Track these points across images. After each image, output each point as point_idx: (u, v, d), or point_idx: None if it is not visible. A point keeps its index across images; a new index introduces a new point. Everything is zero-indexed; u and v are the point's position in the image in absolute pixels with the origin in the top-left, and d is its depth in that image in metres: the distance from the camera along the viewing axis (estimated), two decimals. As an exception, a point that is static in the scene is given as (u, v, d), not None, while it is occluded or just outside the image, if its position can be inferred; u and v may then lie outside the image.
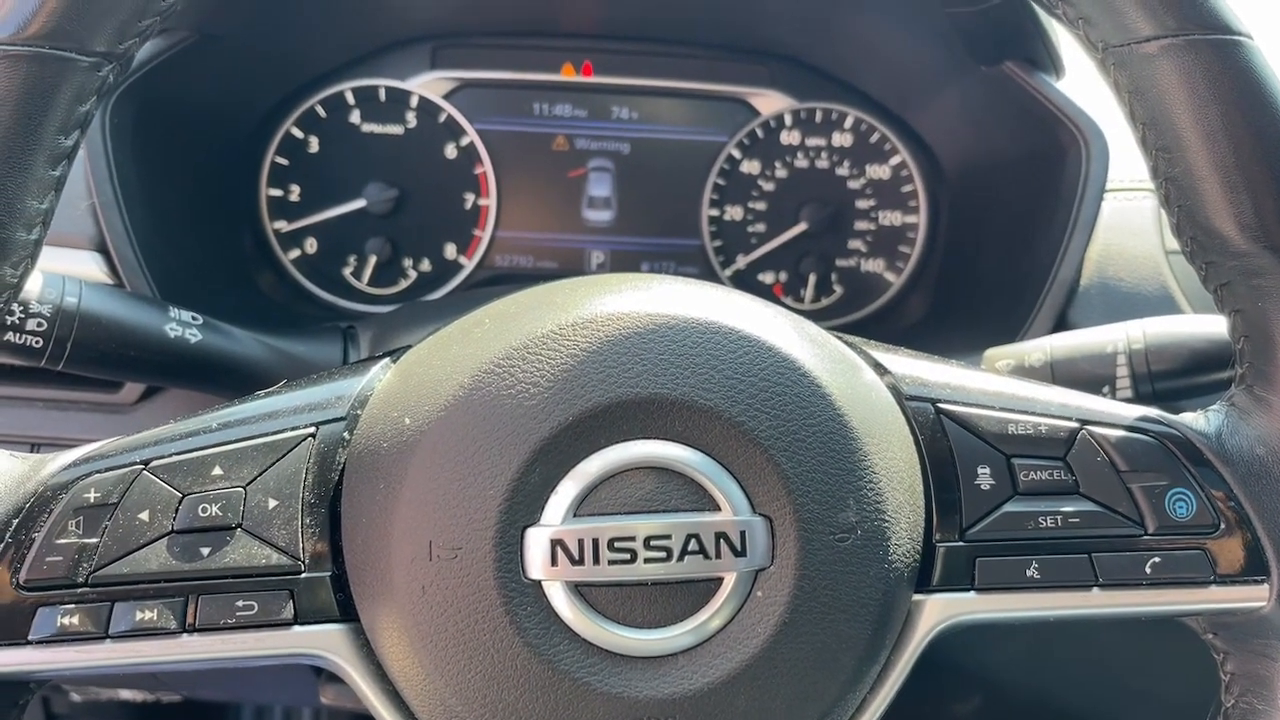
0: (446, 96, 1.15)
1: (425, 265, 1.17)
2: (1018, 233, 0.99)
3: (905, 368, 0.64)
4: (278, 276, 1.14)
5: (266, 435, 0.58)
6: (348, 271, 1.16)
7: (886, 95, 1.15)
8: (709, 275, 1.20)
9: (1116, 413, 0.62)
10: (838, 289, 1.20)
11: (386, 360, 0.64)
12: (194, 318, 0.79)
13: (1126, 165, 0.93)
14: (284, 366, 0.81)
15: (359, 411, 0.60)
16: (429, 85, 1.15)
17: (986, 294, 1.02)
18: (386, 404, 0.58)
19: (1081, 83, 0.95)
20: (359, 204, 1.14)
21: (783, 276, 1.20)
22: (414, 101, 1.15)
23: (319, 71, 1.12)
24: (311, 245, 1.15)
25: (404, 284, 1.17)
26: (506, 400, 0.54)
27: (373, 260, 1.15)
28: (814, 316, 1.19)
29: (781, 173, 1.19)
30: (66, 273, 0.86)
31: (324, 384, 0.62)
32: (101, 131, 0.84)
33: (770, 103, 1.18)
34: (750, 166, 1.19)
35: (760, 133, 1.18)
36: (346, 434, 0.59)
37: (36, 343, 0.72)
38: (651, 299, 0.58)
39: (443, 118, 1.15)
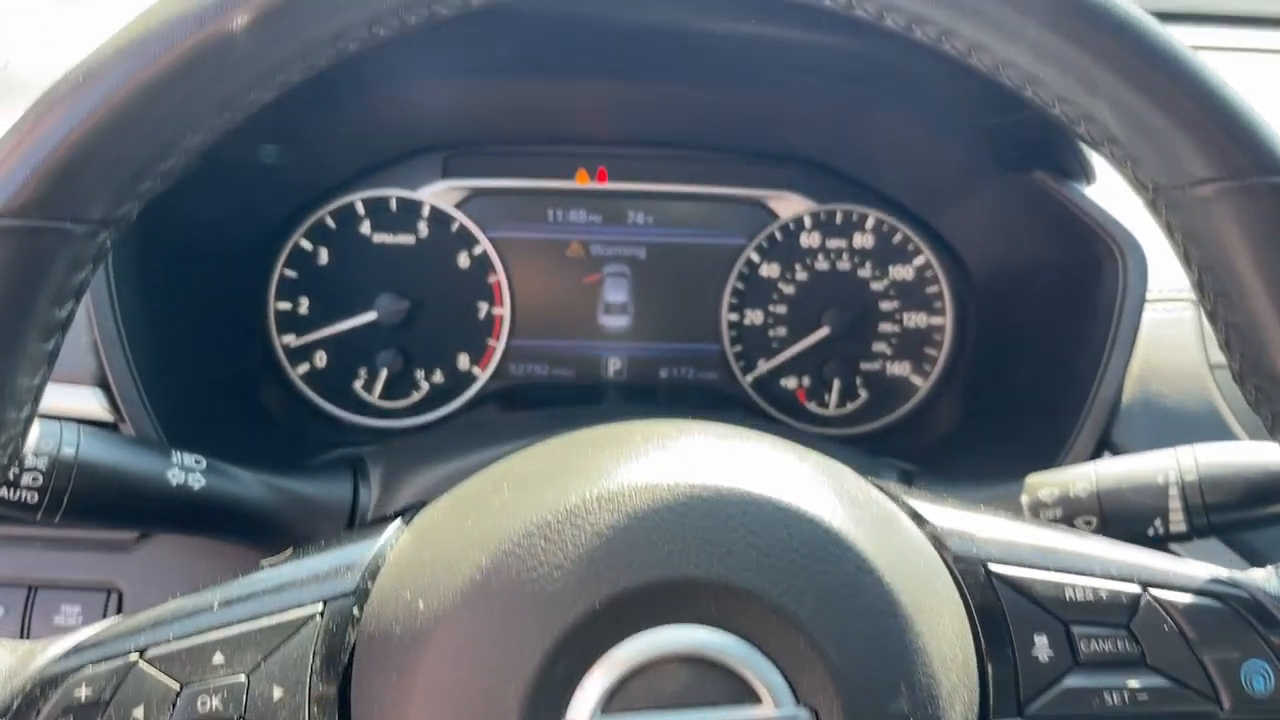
0: (459, 205, 1.13)
1: (438, 377, 1.13)
2: (1053, 344, 0.96)
3: (951, 521, 0.60)
4: (286, 392, 1.11)
5: (271, 615, 0.54)
6: (358, 385, 1.12)
7: (909, 198, 1.12)
8: (729, 381, 1.16)
9: (1181, 572, 0.58)
10: (863, 393, 1.16)
11: (398, 523, 0.60)
12: (197, 461, 0.75)
13: (1164, 274, 0.90)
14: (291, 509, 0.78)
15: (370, 584, 0.56)
16: (441, 194, 1.13)
17: (1022, 407, 0.98)
18: (399, 580, 0.54)
19: (1114, 189, 0.92)
20: (370, 316, 1.11)
21: (805, 381, 1.16)
22: (425, 211, 1.13)
23: (328, 184, 1.10)
24: (321, 359, 1.12)
25: (416, 396, 1.13)
26: (527, 585, 0.50)
27: (384, 374, 1.12)
28: (839, 422, 1.16)
29: (802, 275, 1.16)
30: (66, 410, 0.84)
31: (332, 552, 0.58)
32: (105, 263, 0.81)
33: (789, 205, 1.15)
34: (770, 270, 1.16)
35: (779, 235, 1.16)
36: (356, 611, 0.55)
37: (32, 498, 0.69)
38: (679, 463, 0.55)
39: (455, 227, 1.13)
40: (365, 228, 1.12)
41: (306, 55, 0.53)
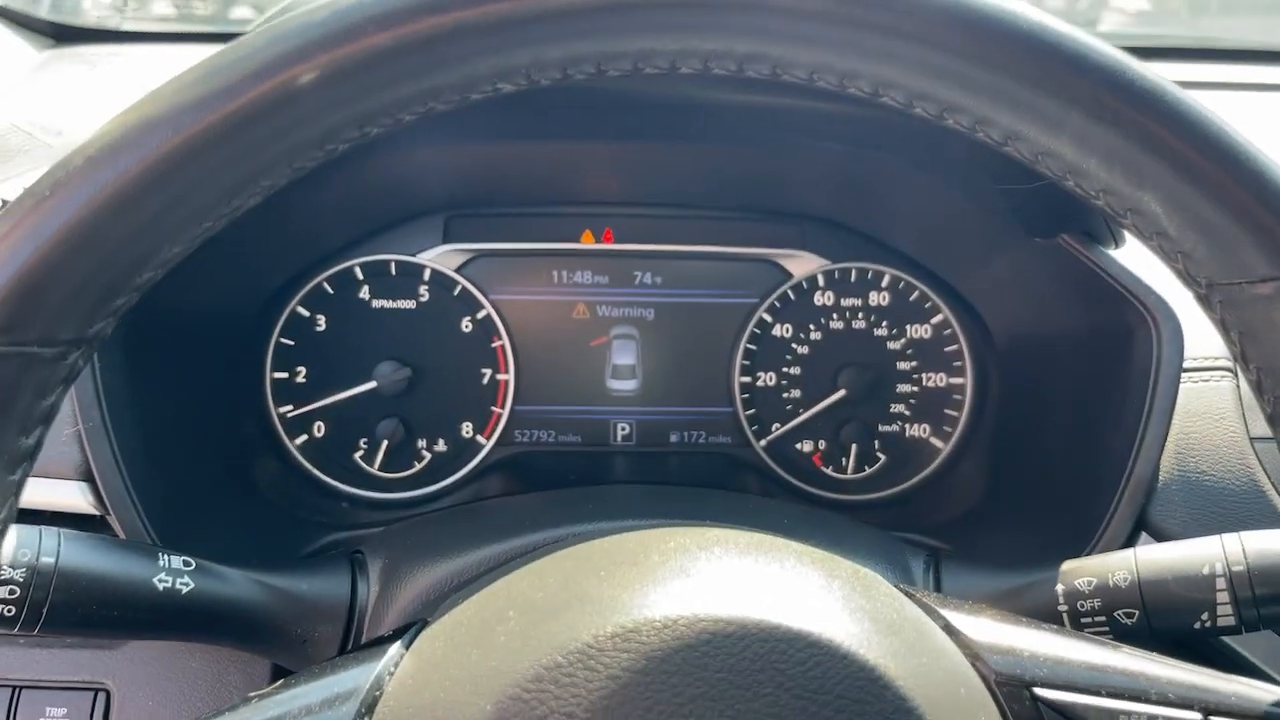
0: (460, 269, 1.09)
1: (441, 446, 1.09)
2: (1082, 414, 0.91)
3: (991, 635, 0.56)
4: (283, 464, 1.07)
5: (259, 756, 0.50)
6: (358, 456, 1.08)
7: (927, 256, 1.08)
8: (742, 445, 1.12)
9: (1244, 695, 0.53)
10: (881, 457, 1.12)
11: (397, 647, 0.56)
12: (185, 563, 0.71)
13: (1200, 341, 0.86)
14: (285, 609, 0.73)
15: (367, 718, 0.51)
16: (442, 258, 1.09)
17: (1051, 481, 0.94)
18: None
19: (1144, 253, 0.88)
20: (370, 385, 1.07)
21: (822, 445, 1.12)
22: (426, 275, 1.09)
23: (326, 249, 1.07)
24: (320, 429, 1.08)
25: (418, 467, 1.09)
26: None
27: (385, 444, 1.08)
28: (857, 488, 1.12)
29: (816, 335, 1.12)
30: (48, 506, 0.80)
31: (326, 679, 0.54)
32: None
33: (802, 264, 1.12)
34: (783, 330, 1.12)
35: (792, 294, 1.12)
36: (352, 751, 0.50)
37: (9, 610, 0.65)
38: (700, 590, 0.50)
39: (457, 290, 1.09)
40: (364, 293, 1.09)
41: (293, 158, 0.49)
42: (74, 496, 0.78)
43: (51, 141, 1.16)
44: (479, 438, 1.10)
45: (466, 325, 1.10)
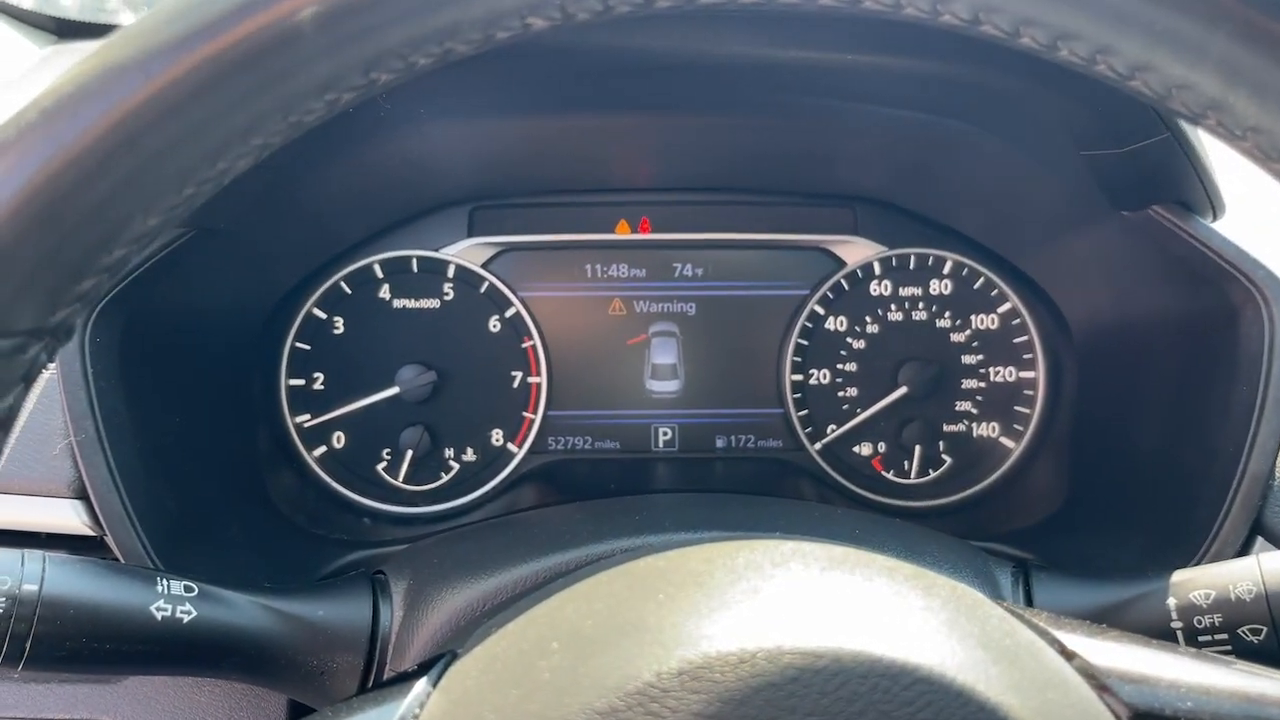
0: (487, 264, 1.02)
1: (469, 455, 1.02)
2: (1181, 407, 0.82)
3: (1117, 660, 0.47)
4: (299, 477, 1.00)
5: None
6: (381, 468, 1.01)
7: (993, 239, 1.00)
8: (795, 449, 1.03)
9: None
10: (947, 459, 1.03)
11: (424, 684, 0.48)
12: (187, 588, 0.63)
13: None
14: (300, 638, 0.66)
15: None
16: (467, 252, 1.02)
17: (1145, 482, 0.85)
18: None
19: (1247, 225, 0.78)
20: (392, 391, 0.99)
21: (882, 448, 1.03)
22: (451, 271, 1.01)
23: (343, 247, 1.00)
24: (339, 440, 1.00)
25: (445, 478, 1.01)
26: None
27: (410, 454, 1.00)
28: (921, 493, 1.03)
29: (873, 328, 1.03)
30: (40, 527, 0.73)
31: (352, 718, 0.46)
32: (80, 356, 0.70)
33: (856, 250, 1.03)
34: (837, 323, 1.03)
35: (846, 284, 1.03)
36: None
37: (-15, 646, 0.57)
38: (779, 614, 0.42)
39: (484, 287, 1.01)
40: (385, 292, 1.01)
41: (289, 109, 0.41)
42: (68, 516, 0.71)
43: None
44: (510, 445, 1.02)
45: (494, 325, 1.02)
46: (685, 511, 0.71)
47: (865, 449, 1.04)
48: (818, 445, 1.03)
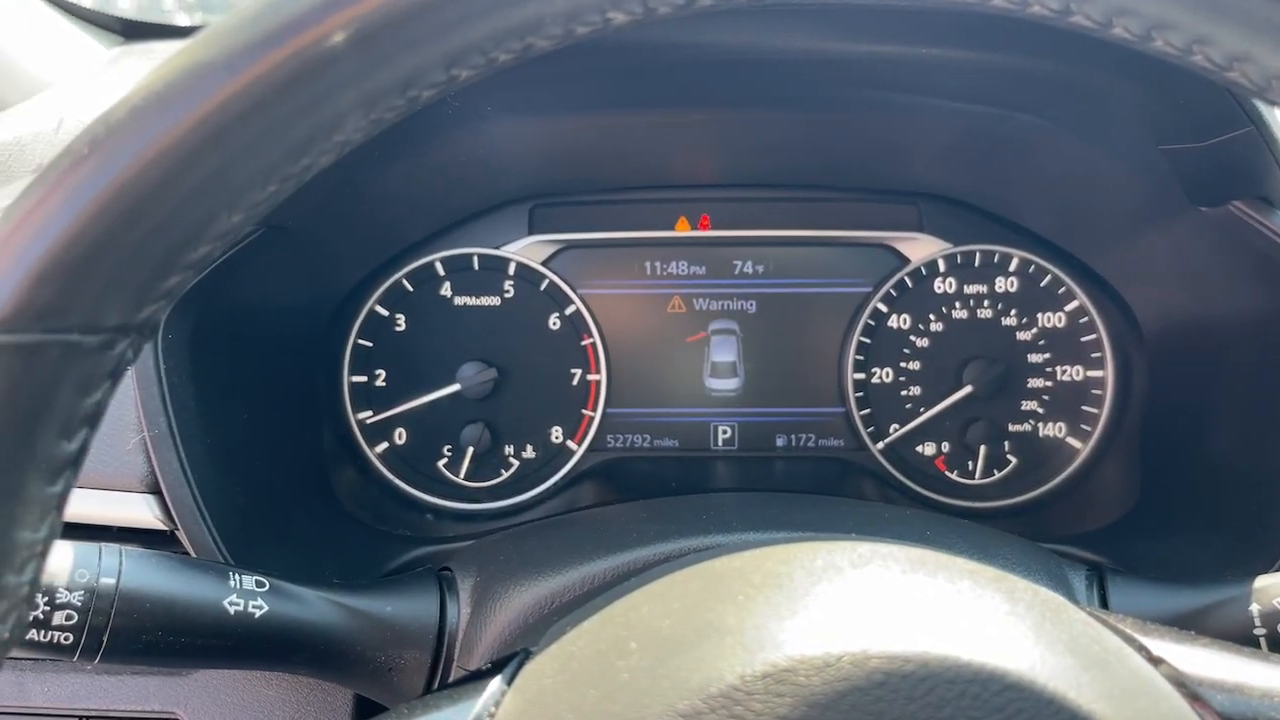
0: (547, 262, 1.02)
1: (529, 452, 1.02)
2: (1260, 408, 0.80)
3: (1207, 668, 0.46)
4: (362, 475, 1.01)
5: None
6: (442, 464, 1.01)
7: (1062, 235, 0.98)
8: (856, 449, 1.02)
9: None
10: (1012, 459, 1.01)
11: (498, 683, 0.48)
12: (259, 584, 0.64)
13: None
14: (369, 634, 0.66)
15: None
16: (527, 250, 1.02)
17: (1221, 485, 0.82)
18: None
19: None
20: (453, 388, 1.00)
21: (945, 447, 1.02)
22: (511, 269, 1.01)
23: (405, 245, 1.00)
24: (400, 436, 1.01)
25: (505, 475, 1.02)
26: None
27: (470, 451, 1.00)
28: (986, 494, 1.01)
29: (937, 326, 1.02)
30: (113, 521, 0.74)
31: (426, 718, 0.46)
32: (154, 352, 0.71)
33: (920, 247, 1.02)
34: (900, 321, 1.02)
35: (910, 281, 1.02)
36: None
37: (65, 638, 0.58)
38: (864, 617, 0.41)
39: (544, 285, 1.01)
40: (446, 289, 1.01)
41: (372, 106, 0.41)
42: (140, 510, 0.72)
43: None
44: (569, 443, 1.02)
45: (554, 322, 1.02)
46: (752, 511, 0.70)
47: (928, 449, 1.02)
48: (880, 445, 1.02)
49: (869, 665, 0.39)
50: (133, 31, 1.32)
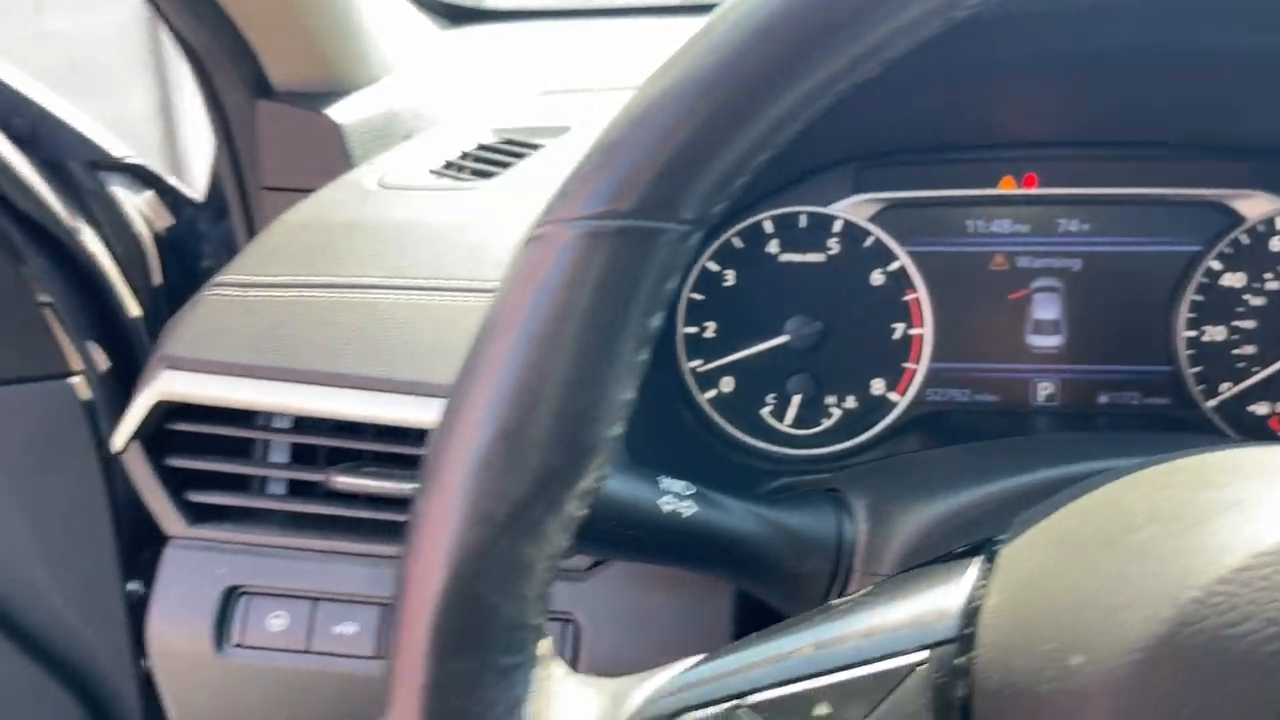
0: (872, 219, 1.06)
1: (850, 403, 1.06)
2: None
3: None
4: (695, 418, 1.07)
5: (872, 663, 0.47)
6: (766, 412, 1.07)
7: None
8: (1185, 406, 1.02)
9: None
10: (1355, 420, 0.99)
11: (979, 560, 0.52)
12: (686, 488, 0.71)
13: None
14: (779, 543, 0.72)
15: (970, 630, 0.48)
16: (853, 208, 1.06)
17: None
18: (1026, 631, 0.46)
19: None
20: (781, 339, 1.05)
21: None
22: (837, 227, 1.06)
23: (736, 205, 1.06)
24: (728, 384, 1.07)
25: (826, 424, 1.06)
26: (1232, 642, 0.40)
27: (796, 400, 1.05)
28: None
29: (1274, 284, 1.00)
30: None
31: (915, 592, 0.51)
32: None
33: (1256, 205, 1.00)
34: (1234, 279, 1.01)
35: (1245, 239, 1.01)
36: (961, 660, 0.47)
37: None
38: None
39: (869, 242, 1.06)
40: (773, 247, 1.07)
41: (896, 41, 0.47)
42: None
43: (446, 124, 1.22)
44: (890, 395, 1.06)
45: (878, 278, 1.06)
46: (1140, 445, 0.72)
47: (1262, 408, 1.01)
48: (1211, 403, 1.01)
49: None
50: (456, 16, 1.44)
